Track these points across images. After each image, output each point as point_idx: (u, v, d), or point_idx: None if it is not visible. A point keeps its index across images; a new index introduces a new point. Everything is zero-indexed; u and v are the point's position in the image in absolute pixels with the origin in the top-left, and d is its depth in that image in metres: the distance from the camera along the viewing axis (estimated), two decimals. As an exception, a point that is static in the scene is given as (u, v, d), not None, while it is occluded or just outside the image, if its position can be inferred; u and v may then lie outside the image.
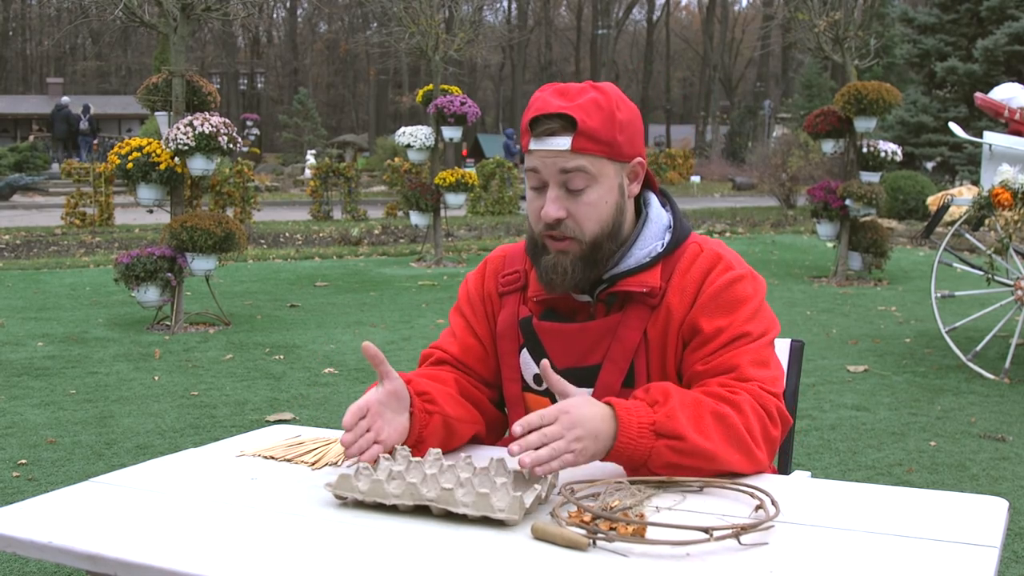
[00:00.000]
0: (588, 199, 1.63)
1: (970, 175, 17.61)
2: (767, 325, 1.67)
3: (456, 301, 1.89)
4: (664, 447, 1.46)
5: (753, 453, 1.53)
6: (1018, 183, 5.46)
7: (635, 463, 1.48)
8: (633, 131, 1.66)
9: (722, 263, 1.68)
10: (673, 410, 1.48)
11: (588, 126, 1.60)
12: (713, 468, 1.50)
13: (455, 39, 11.18)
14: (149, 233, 13.77)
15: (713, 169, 31.99)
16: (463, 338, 1.84)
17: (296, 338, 6.68)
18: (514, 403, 1.79)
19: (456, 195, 10.65)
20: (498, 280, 1.84)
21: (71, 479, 3.67)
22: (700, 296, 1.66)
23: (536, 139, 1.63)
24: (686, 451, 1.47)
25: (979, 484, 3.78)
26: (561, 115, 1.60)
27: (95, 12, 9.62)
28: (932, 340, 6.55)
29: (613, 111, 1.63)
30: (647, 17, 51.57)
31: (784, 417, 1.61)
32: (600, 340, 1.69)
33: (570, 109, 1.60)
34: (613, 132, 1.62)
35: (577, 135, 1.60)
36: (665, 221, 1.75)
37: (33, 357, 5.99)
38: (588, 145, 1.60)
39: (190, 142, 6.69)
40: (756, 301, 1.67)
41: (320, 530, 1.33)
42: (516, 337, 1.78)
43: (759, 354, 1.63)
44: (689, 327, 1.66)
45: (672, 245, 1.71)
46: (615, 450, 1.47)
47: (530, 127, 1.64)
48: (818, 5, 9.84)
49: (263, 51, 52.82)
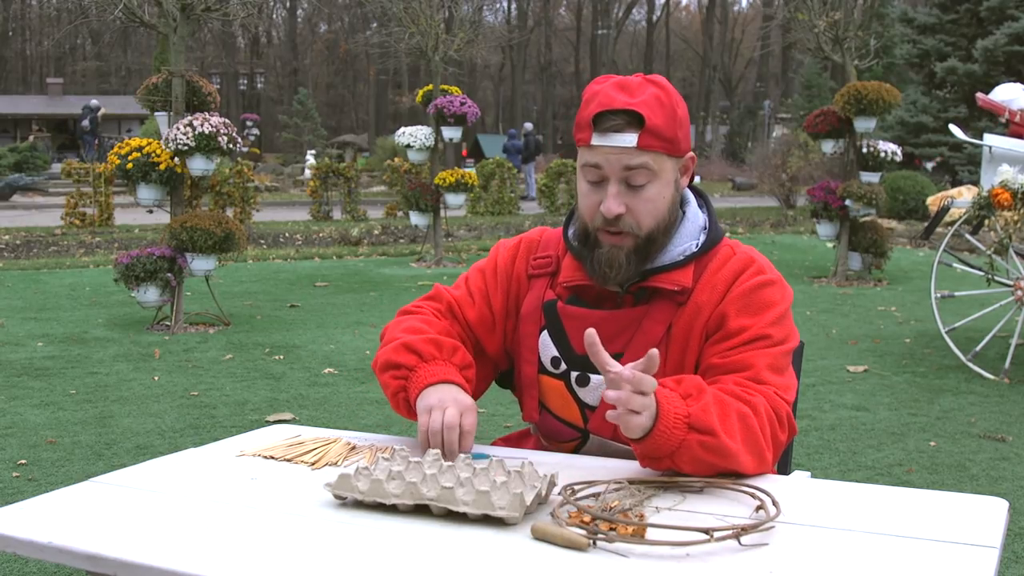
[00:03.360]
0: (648, 195, 1.65)
1: (970, 175, 17.62)
2: (788, 333, 1.68)
3: (484, 260, 1.89)
4: (695, 441, 1.45)
5: (763, 455, 1.54)
6: (1018, 183, 5.47)
7: (660, 453, 1.46)
8: (687, 127, 1.69)
9: (754, 266, 1.70)
10: (707, 405, 1.48)
11: (654, 123, 1.61)
12: (727, 467, 1.50)
13: (455, 39, 11.18)
14: (149, 233, 13.76)
15: (713, 169, 31.98)
16: (480, 306, 1.84)
17: (296, 338, 6.68)
18: (528, 385, 1.80)
19: (456, 195, 10.65)
20: (529, 262, 1.84)
21: (71, 479, 3.67)
22: (730, 293, 1.67)
23: (600, 135, 1.63)
24: (713, 448, 1.46)
25: (979, 484, 3.78)
26: (627, 111, 1.61)
27: (95, 12, 9.61)
28: (932, 340, 6.55)
29: (674, 107, 1.64)
30: (647, 17, 51.59)
31: (791, 425, 1.62)
32: (623, 330, 1.69)
33: (637, 106, 1.61)
34: (675, 128, 1.64)
35: (644, 132, 1.61)
36: (701, 222, 1.76)
37: (33, 357, 5.99)
38: (653, 142, 1.62)
39: (190, 142, 6.68)
40: (782, 307, 1.68)
41: (320, 530, 1.33)
42: (538, 320, 1.78)
43: (777, 359, 1.63)
44: (716, 321, 1.66)
45: (707, 246, 1.72)
46: (648, 439, 1.45)
47: (593, 123, 1.63)
48: (818, 5, 9.84)
49: (263, 51, 52.83)
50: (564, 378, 1.75)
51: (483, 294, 1.84)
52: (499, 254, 1.88)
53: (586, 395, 1.73)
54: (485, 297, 1.84)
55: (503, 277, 1.85)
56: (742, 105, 41.62)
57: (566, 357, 1.73)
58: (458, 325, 1.84)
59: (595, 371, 1.68)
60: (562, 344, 1.74)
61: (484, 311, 1.83)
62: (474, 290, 1.85)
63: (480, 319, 1.83)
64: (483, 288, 1.85)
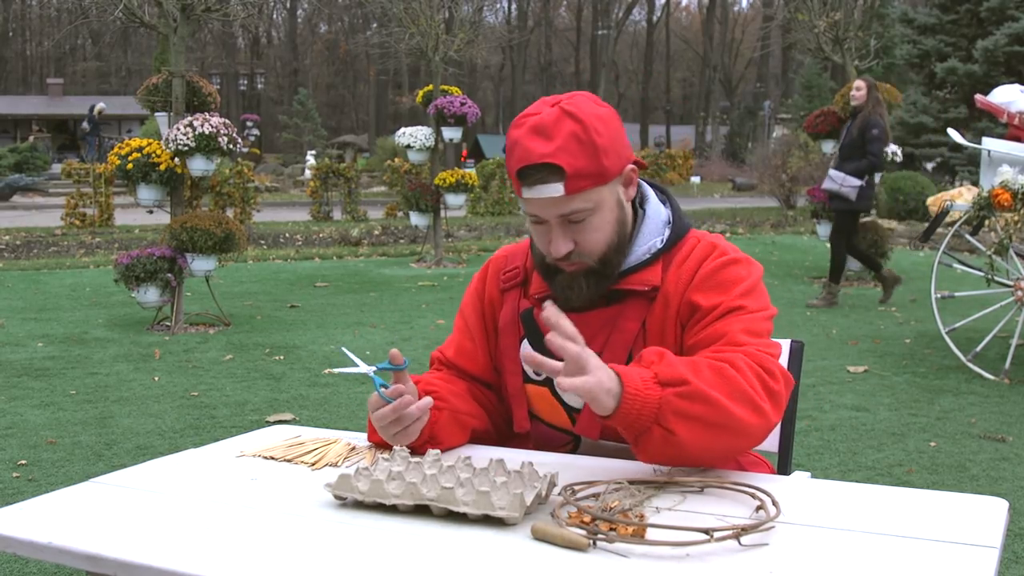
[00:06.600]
0: (592, 226, 1.65)
1: (970, 175, 17.61)
2: (763, 304, 1.67)
3: (461, 302, 1.94)
4: (672, 395, 1.43)
5: (759, 406, 1.49)
6: (1018, 184, 5.47)
7: (645, 420, 1.43)
8: (617, 145, 1.65)
9: (717, 250, 1.70)
10: (672, 362, 1.47)
11: (576, 168, 1.59)
12: (723, 420, 1.45)
13: (455, 39, 11.18)
14: (149, 234, 13.76)
15: (713, 170, 32.00)
16: (458, 341, 1.89)
17: (296, 339, 6.68)
18: (515, 395, 1.81)
19: (456, 196, 10.65)
20: (499, 279, 1.87)
21: (71, 479, 3.67)
22: (695, 278, 1.67)
23: (527, 188, 1.63)
24: (694, 396, 1.43)
25: (979, 485, 3.78)
26: (546, 164, 1.59)
27: (95, 12, 9.61)
28: (932, 341, 6.55)
29: (593, 140, 1.60)
30: (647, 17, 51.59)
31: (785, 375, 1.57)
32: (599, 331, 1.71)
33: (554, 157, 1.58)
34: (599, 161, 1.61)
35: (568, 180, 1.59)
36: (664, 216, 1.76)
37: (33, 358, 5.99)
38: (580, 183, 1.61)
39: (190, 143, 6.68)
40: (751, 282, 1.67)
41: (320, 530, 1.33)
42: (517, 330, 1.80)
43: (753, 324, 1.62)
44: (686, 307, 1.67)
45: (672, 241, 1.72)
46: (623, 406, 1.42)
47: (518, 177, 1.63)
48: (818, 5, 9.85)
49: (263, 51, 52.83)
50: (548, 384, 1.76)
51: (463, 331, 1.90)
52: (471, 286, 1.93)
53: (571, 399, 1.74)
54: (466, 332, 1.89)
55: (477, 305, 1.89)
56: (742, 105, 41.63)
57: None
58: (451, 371, 1.88)
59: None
60: (541, 350, 1.73)
61: (465, 344, 1.88)
62: (456, 332, 1.91)
63: (460, 352, 1.88)
64: (462, 325, 1.90)
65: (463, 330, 1.89)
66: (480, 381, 1.86)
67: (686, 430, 1.44)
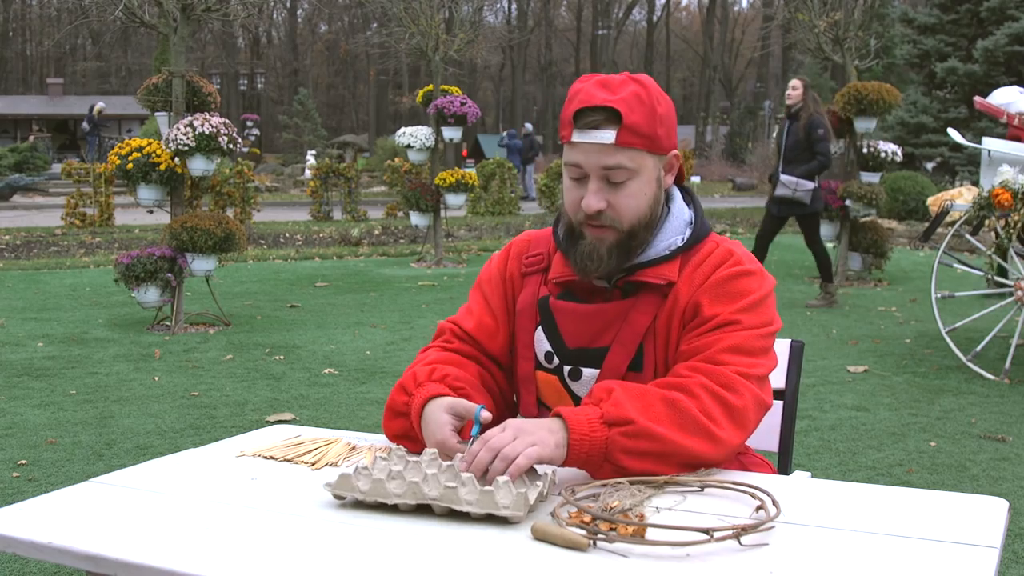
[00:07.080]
0: (628, 191, 1.67)
1: (970, 175, 17.61)
2: (764, 319, 1.67)
3: (478, 278, 1.92)
4: (618, 435, 1.48)
5: (714, 435, 1.53)
6: (1018, 184, 5.47)
7: (596, 460, 1.49)
8: (671, 124, 1.70)
9: (733, 258, 1.71)
10: (618, 400, 1.51)
11: (632, 120, 1.62)
12: (670, 452, 1.50)
13: (455, 39, 11.18)
14: (149, 233, 13.77)
15: (713, 169, 31.99)
16: (479, 315, 1.86)
17: (296, 338, 6.68)
18: (526, 381, 1.81)
19: (456, 195, 10.65)
20: (521, 261, 1.86)
21: (71, 479, 3.67)
22: (706, 283, 1.68)
23: (580, 131, 1.65)
24: (639, 434, 1.48)
25: (979, 484, 3.78)
26: (606, 108, 1.62)
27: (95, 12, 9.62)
28: (932, 340, 6.55)
29: (654, 105, 1.65)
30: (647, 18, 51.58)
31: (750, 391, 1.58)
32: (612, 323, 1.71)
33: (615, 103, 1.62)
34: (654, 125, 1.65)
35: (622, 129, 1.62)
36: (686, 217, 1.78)
37: (33, 357, 5.99)
38: (631, 139, 1.63)
39: (190, 142, 6.69)
40: (758, 296, 1.67)
41: (320, 530, 1.33)
42: (534, 316, 1.80)
43: (745, 342, 1.62)
44: (692, 309, 1.68)
45: (692, 241, 1.73)
46: (571, 450, 1.48)
47: (573, 119, 1.65)
48: (818, 5, 9.84)
49: (263, 51, 52.81)
50: (558, 373, 1.76)
51: (483, 305, 1.87)
52: (492, 263, 1.91)
53: (579, 389, 1.74)
54: (486, 307, 1.86)
55: (498, 282, 1.87)
56: (742, 105, 41.63)
57: (558, 352, 1.75)
58: (466, 345, 1.84)
59: (587, 365, 1.72)
60: (554, 339, 1.75)
61: (486, 320, 1.85)
62: (475, 306, 1.88)
63: (481, 327, 1.84)
64: (482, 300, 1.87)
65: (484, 307, 1.86)
66: (495, 360, 1.85)
67: (637, 464, 1.49)
